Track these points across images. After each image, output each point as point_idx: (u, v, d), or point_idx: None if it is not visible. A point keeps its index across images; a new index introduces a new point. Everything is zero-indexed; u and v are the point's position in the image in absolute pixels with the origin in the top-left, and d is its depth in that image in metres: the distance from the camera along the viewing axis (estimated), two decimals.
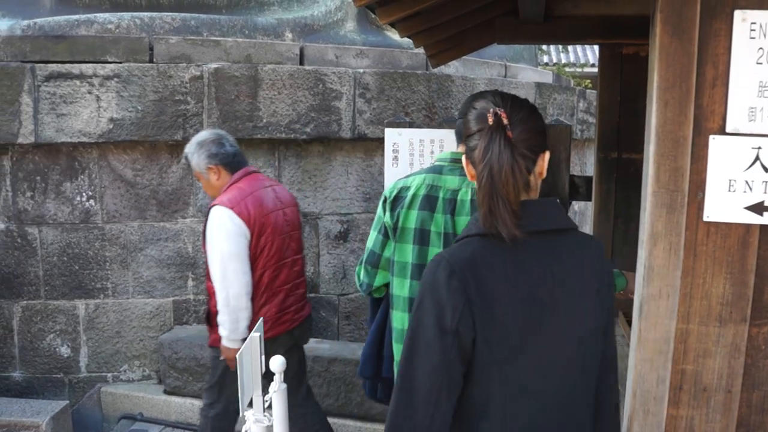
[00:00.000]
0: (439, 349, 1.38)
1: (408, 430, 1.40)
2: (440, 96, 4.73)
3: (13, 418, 3.15)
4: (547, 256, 1.44)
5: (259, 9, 4.92)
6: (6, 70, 4.12)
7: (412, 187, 2.32)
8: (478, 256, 1.41)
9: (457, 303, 1.37)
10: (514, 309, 1.39)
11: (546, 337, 1.42)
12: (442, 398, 1.39)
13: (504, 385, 1.41)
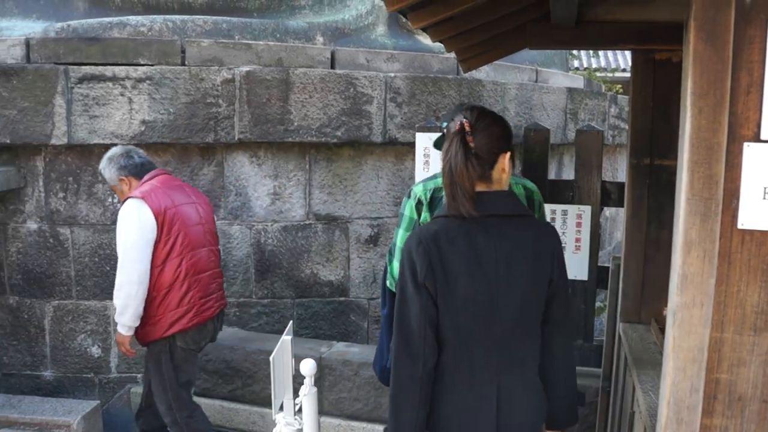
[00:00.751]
0: (417, 298, 1.90)
1: (408, 357, 1.92)
2: (471, 101, 4.71)
3: (45, 417, 3.19)
4: (495, 234, 1.90)
5: (290, 12, 4.95)
6: (40, 71, 4.19)
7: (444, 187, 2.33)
8: (441, 231, 1.91)
9: (423, 264, 1.88)
10: (462, 272, 1.89)
11: (490, 296, 1.90)
12: (427, 333, 1.91)
13: (456, 330, 1.92)
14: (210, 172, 4.41)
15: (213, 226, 3.58)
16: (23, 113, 4.18)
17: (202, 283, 3.37)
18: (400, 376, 1.95)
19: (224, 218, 4.47)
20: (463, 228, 1.90)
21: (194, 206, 3.42)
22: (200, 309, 3.35)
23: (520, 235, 1.94)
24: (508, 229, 1.92)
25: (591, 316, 3.76)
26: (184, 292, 3.28)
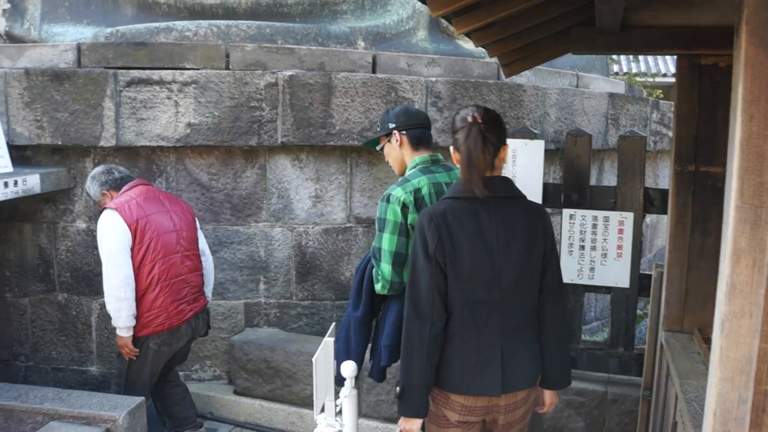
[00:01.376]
0: (428, 268, 2.22)
1: (417, 319, 2.24)
2: (512, 105, 4.70)
3: (92, 410, 3.26)
4: (495, 212, 2.25)
5: (332, 17, 5.00)
6: (90, 75, 4.30)
7: (422, 188, 2.74)
8: (449, 210, 2.24)
9: (434, 238, 2.21)
10: (467, 245, 2.23)
11: (492, 265, 2.24)
12: (435, 298, 2.23)
13: (463, 296, 2.24)
14: (253, 175, 4.48)
15: (191, 233, 3.77)
16: (74, 116, 4.30)
17: (174, 288, 3.58)
18: (411, 336, 2.27)
19: (266, 220, 4.53)
20: (468, 207, 2.25)
21: (168, 214, 3.64)
22: (172, 313, 3.56)
23: (516, 214, 2.29)
24: (506, 209, 2.28)
25: (632, 324, 3.73)
26: (155, 296, 3.51)
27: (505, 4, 2.80)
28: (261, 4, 4.83)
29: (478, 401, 2.32)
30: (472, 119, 2.22)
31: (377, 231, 2.80)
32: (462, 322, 2.27)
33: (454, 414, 2.37)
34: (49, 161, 4.54)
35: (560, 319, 2.46)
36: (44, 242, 4.60)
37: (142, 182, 3.75)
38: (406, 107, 3.06)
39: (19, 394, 3.42)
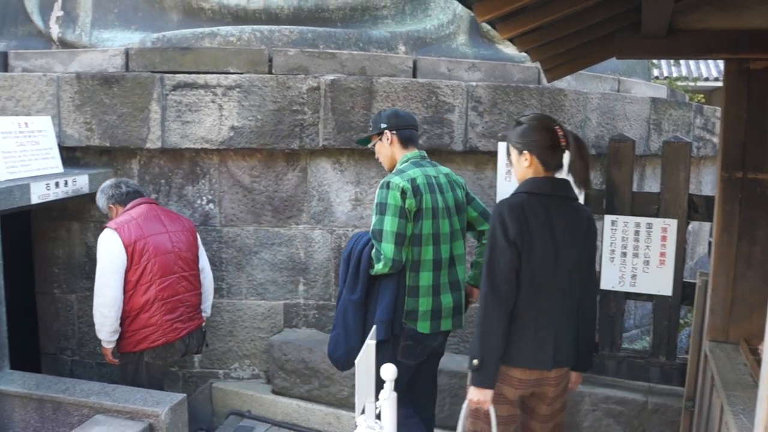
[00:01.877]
0: (508, 251, 2.51)
1: (495, 297, 2.52)
2: (553, 110, 4.68)
3: (135, 405, 3.32)
4: (560, 208, 2.62)
5: (373, 22, 5.03)
6: (138, 79, 4.40)
7: (416, 178, 3.11)
8: (525, 203, 2.57)
9: (515, 224, 2.52)
10: (539, 234, 2.54)
11: (555, 255, 2.57)
12: (512, 278, 2.53)
13: (531, 279, 2.55)
14: (294, 178, 4.53)
15: (190, 253, 3.93)
16: (122, 118, 4.40)
17: (170, 306, 3.77)
18: (489, 313, 2.53)
19: (306, 222, 4.57)
20: (540, 202, 2.59)
21: (167, 236, 3.81)
22: (167, 330, 3.77)
23: (575, 212, 2.67)
24: (567, 206, 2.65)
25: (674, 332, 3.68)
26: (150, 315, 3.71)
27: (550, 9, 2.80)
28: (303, 10, 4.88)
29: (533, 374, 2.65)
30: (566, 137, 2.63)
31: (377, 215, 3.10)
32: (526, 303, 2.57)
33: (510, 389, 2.67)
34: (97, 162, 4.65)
35: (594, 310, 2.93)
36: (91, 240, 4.71)
37: (146, 200, 3.92)
38: (396, 110, 3.40)
39: (66, 387, 3.51)
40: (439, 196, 3.19)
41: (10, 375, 3.65)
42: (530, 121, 2.70)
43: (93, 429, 3.20)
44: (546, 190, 2.61)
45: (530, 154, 2.63)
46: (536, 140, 2.63)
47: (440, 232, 3.19)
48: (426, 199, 3.11)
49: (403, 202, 3.05)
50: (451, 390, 4.04)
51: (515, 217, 2.52)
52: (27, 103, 4.57)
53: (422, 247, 3.14)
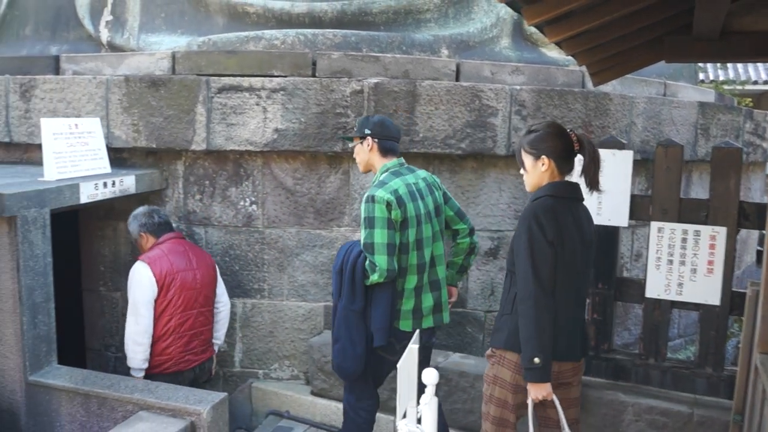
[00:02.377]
0: (549, 251, 2.71)
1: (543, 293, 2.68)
2: (597, 114, 4.62)
3: (178, 403, 3.36)
4: (577, 209, 2.85)
5: (416, 26, 5.03)
6: (184, 82, 4.47)
7: (399, 189, 3.26)
8: (555, 205, 2.76)
9: (551, 226, 2.71)
10: (568, 234, 2.75)
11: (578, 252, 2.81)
12: (551, 277, 2.71)
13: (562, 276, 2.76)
14: (336, 180, 4.55)
15: (209, 290, 4.16)
16: (168, 120, 4.47)
17: (186, 339, 4.01)
18: (540, 310, 2.67)
19: (348, 225, 4.59)
20: (565, 204, 2.80)
21: (192, 272, 4.02)
22: (179, 361, 3.99)
23: (584, 212, 2.91)
24: (580, 207, 2.89)
25: (722, 343, 3.59)
26: (167, 345, 3.94)
27: (599, 12, 2.77)
28: (346, 13, 4.90)
29: (564, 366, 2.86)
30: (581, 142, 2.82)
31: (366, 228, 3.24)
32: (558, 298, 2.75)
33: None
34: (143, 163, 4.74)
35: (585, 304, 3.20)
36: None
37: (176, 235, 4.14)
38: (383, 119, 3.50)
39: (111, 383, 3.57)
40: (420, 203, 3.36)
41: (57, 370, 3.74)
42: (546, 128, 2.87)
43: (137, 425, 3.25)
44: (566, 193, 2.83)
45: (548, 159, 2.81)
46: (553, 146, 2.81)
47: (423, 236, 3.37)
48: (409, 208, 3.29)
49: (389, 214, 3.22)
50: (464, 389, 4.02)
51: (550, 219, 2.72)
52: (77, 105, 4.68)
53: (408, 254, 3.33)
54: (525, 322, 2.70)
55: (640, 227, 5.12)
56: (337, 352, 3.39)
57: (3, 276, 3.56)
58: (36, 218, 3.62)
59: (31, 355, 3.62)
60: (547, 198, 2.78)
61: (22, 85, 4.82)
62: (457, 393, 4.05)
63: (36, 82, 4.79)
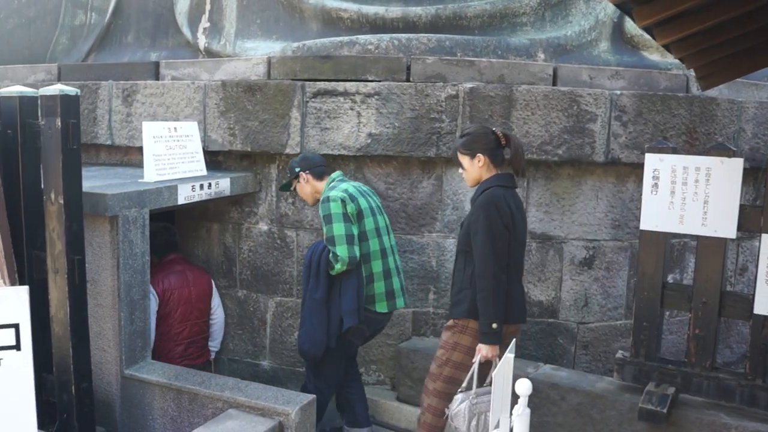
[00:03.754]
0: (506, 234, 3.23)
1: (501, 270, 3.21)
2: (703, 120, 4.42)
3: (267, 403, 3.38)
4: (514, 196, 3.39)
5: (511, 29, 4.93)
6: (280, 87, 4.52)
7: (348, 189, 3.79)
8: (504, 194, 3.28)
9: (507, 212, 3.23)
10: (517, 217, 3.32)
11: (520, 233, 3.37)
12: (506, 255, 3.24)
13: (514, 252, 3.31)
14: (429, 186, 4.51)
15: (204, 304, 4.69)
16: (263, 124, 4.54)
17: (183, 346, 4.54)
18: (498, 285, 3.20)
19: (440, 231, 4.54)
20: (510, 192, 3.36)
21: (188, 290, 4.53)
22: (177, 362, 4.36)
23: (519, 198, 3.47)
24: (515, 194, 3.43)
25: None
26: (168, 349, 4.49)
27: (711, 13, 2.65)
28: (441, 17, 4.85)
29: (511, 327, 3.38)
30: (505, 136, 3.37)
31: (326, 225, 3.68)
32: (511, 272, 3.29)
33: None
34: (237, 166, 4.82)
35: None
36: (229, 241, 4.89)
37: (174, 257, 4.64)
38: (305, 154, 4.12)
39: (202, 380, 3.64)
40: (369, 199, 3.90)
41: (151, 365, 3.86)
42: (476, 130, 3.41)
43: (226, 422, 3.30)
44: (509, 183, 3.38)
45: (483, 156, 3.34)
46: (485, 144, 3.34)
47: (379, 226, 3.88)
48: (361, 201, 3.80)
49: (344, 209, 3.70)
50: (581, 409, 3.87)
51: (504, 205, 3.25)
52: (176, 109, 4.81)
53: (369, 241, 3.81)
54: (484, 295, 3.19)
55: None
56: (300, 335, 3.86)
57: (104, 273, 3.70)
58: (136, 218, 3.74)
59: (128, 350, 3.75)
60: (498, 188, 3.29)
61: (124, 90, 4.99)
62: (547, 405, 3.93)
63: (137, 87, 4.96)
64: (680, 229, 3.58)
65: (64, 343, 3.31)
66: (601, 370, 4.51)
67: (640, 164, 3.81)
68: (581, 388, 3.87)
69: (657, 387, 3.59)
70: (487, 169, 3.36)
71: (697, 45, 3.03)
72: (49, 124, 3.19)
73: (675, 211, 3.58)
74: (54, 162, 3.20)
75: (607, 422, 3.76)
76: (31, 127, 3.30)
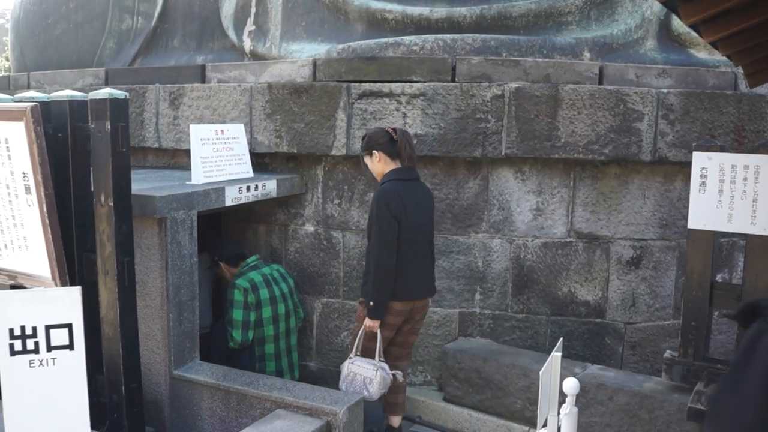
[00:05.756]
0: (393, 223, 3.64)
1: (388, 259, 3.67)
2: (752, 118, 4.36)
3: (315, 403, 3.41)
4: (415, 187, 3.83)
5: (557, 29, 4.92)
6: (326, 89, 4.57)
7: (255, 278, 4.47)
8: (396, 187, 3.70)
9: (395, 203, 3.65)
10: (411, 208, 3.71)
11: (419, 219, 3.78)
12: (395, 243, 3.68)
13: (407, 238, 3.72)
14: (475, 186, 4.52)
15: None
16: (309, 126, 4.59)
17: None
18: (380, 269, 3.68)
19: (486, 231, 4.54)
20: (404, 184, 3.76)
21: None
22: None
23: (422, 188, 3.93)
24: (416, 184, 3.88)
25: None
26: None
27: (758, 10, 2.62)
28: (486, 18, 4.86)
29: (407, 305, 3.84)
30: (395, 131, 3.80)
31: (229, 308, 4.39)
32: (404, 255, 3.73)
33: (392, 317, 3.82)
34: (284, 168, 4.88)
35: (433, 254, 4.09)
36: (275, 242, 4.95)
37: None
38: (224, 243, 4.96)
39: (251, 380, 3.68)
40: (275, 288, 4.51)
41: (200, 366, 3.89)
42: (370, 131, 3.91)
43: (274, 422, 3.32)
44: (404, 175, 3.78)
45: (378, 152, 3.78)
46: (378, 140, 3.78)
47: (278, 313, 4.50)
48: (262, 292, 4.42)
49: (245, 298, 4.35)
50: (629, 410, 3.85)
51: (394, 197, 3.66)
52: (222, 111, 4.88)
53: (264, 327, 4.45)
54: (368, 278, 3.75)
55: None
56: None
57: (152, 274, 3.73)
58: (184, 220, 3.77)
59: (176, 351, 3.78)
60: (392, 182, 3.74)
61: (171, 93, 5.08)
62: (594, 406, 3.92)
63: (184, 90, 5.04)
64: (729, 228, 3.54)
65: (114, 344, 3.34)
66: (649, 371, 4.48)
67: (688, 163, 3.78)
68: (629, 388, 3.85)
69: (706, 387, 3.56)
70: (385, 163, 3.80)
71: (744, 42, 2.99)
72: (99, 127, 3.20)
73: (723, 209, 3.54)
74: (103, 165, 3.22)
75: (655, 422, 3.74)
76: (81, 131, 3.32)
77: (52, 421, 2.72)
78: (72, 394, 2.75)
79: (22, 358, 2.67)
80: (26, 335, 2.67)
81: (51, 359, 2.70)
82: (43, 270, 2.99)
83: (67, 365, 2.73)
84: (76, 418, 2.77)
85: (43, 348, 2.69)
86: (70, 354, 2.74)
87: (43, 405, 2.71)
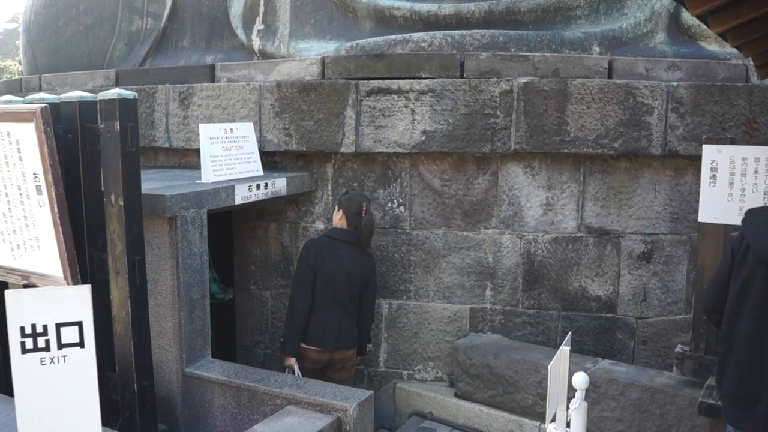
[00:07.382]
0: (308, 271, 4.15)
1: (299, 302, 4.16)
2: (763, 110, 4.32)
3: (325, 399, 3.41)
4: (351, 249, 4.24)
5: (565, 23, 4.90)
6: (334, 86, 4.58)
7: None
8: (323, 242, 4.23)
9: (313, 254, 4.17)
10: (330, 261, 4.16)
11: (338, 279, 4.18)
12: (309, 290, 4.17)
13: (318, 289, 4.17)
14: (484, 182, 4.51)
15: None
16: (318, 124, 4.60)
17: None
18: (292, 312, 4.17)
19: (495, 227, 4.54)
20: (334, 242, 4.20)
21: None
22: None
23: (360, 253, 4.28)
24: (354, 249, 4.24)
25: None
26: None
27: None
28: (494, 13, 4.85)
29: (323, 354, 4.21)
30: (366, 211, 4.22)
31: None
32: (318, 304, 4.15)
33: (308, 362, 4.21)
34: (293, 166, 4.90)
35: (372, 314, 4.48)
36: (286, 240, 4.97)
37: None
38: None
39: (261, 377, 3.69)
40: None
41: (211, 363, 3.91)
42: (352, 194, 4.29)
43: (285, 418, 3.33)
44: (338, 235, 4.22)
45: (343, 213, 4.24)
46: (350, 204, 4.21)
47: None
48: None
49: None
50: (641, 405, 3.84)
51: (315, 250, 4.16)
52: (232, 110, 4.90)
53: None
54: (286, 319, 4.25)
55: None
56: None
57: (163, 273, 3.75)
58: (194, 218, 3.79)
59: (188, 348, 3.80)
60: (323, 237, 4.29)
61: (181, 93, 5.11)
62: (606, 401, 3.91)
63: (193, 90, 5.07)
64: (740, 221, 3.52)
65: (125, 342, 3.36)
66: (660, 365, 4.46)
67: (699, 156, 3.75)
68: (640, 382, 3.84)
69: None
70: (341, 221, 4.27)
71: (753, 33, 2.98)
72: (108, 127, 3.21)
73: (734, 202, 3.52)
74: (113, 164, 3.23)
75: (666, 417, 3.72)
76: (90, 131, 3.33)
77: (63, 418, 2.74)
78: (83, 392, 2.76)
79: (33, 356, 2.69)
80: (37, 333, 2.68)
81: (62, 357, 2.71)
82: (55, 270, 3.01)
83: (77, 363, 2.74)
84: (88, 415, 2.78)
85: (54, 346, 2.71)
86: (81, 352, 2.75)
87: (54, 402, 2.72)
